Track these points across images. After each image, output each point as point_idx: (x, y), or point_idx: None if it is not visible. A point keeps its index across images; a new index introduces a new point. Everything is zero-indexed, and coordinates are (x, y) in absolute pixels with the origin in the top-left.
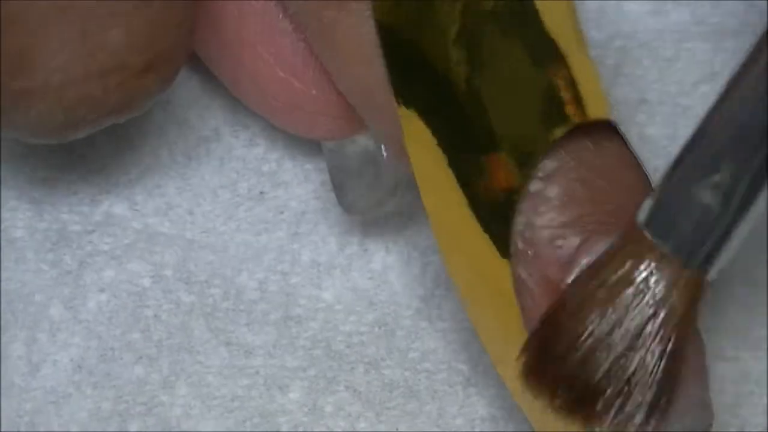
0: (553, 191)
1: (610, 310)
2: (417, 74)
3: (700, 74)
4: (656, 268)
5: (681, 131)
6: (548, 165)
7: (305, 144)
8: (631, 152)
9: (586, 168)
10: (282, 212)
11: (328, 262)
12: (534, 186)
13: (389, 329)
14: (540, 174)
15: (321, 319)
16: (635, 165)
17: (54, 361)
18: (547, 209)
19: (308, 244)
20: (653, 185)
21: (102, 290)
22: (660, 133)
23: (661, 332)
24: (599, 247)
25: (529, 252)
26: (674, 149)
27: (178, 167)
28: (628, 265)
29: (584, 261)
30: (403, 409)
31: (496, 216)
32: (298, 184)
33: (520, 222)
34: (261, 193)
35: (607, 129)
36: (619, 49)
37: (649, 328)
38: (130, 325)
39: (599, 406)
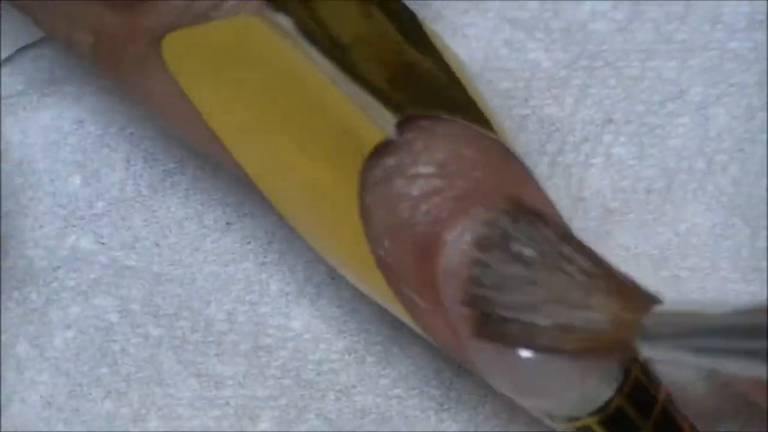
0: (415, 162)
1: None
2: None
3: (667, 93)
4: None
5: (648, 150)
6: (407, 136)
7: None
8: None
9: (444, 143)
10: (249, 242)
11: (296, 291)
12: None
13: (359, 356)
14: (401, 141)
15: (291, 348)
16: (486, 144)
17: (22, 398)
18: (408, 179)
19: (276, 274)
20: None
21: (68, 326)
22: (627, 153)
23: None
24: (458, 219)
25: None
26: (641, 168)
27: (144, 200)
28: None
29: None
30: None
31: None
32: (264, 214)
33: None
34: (227, 224)
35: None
36: (585, 68)
37: None
38: (97, 360)
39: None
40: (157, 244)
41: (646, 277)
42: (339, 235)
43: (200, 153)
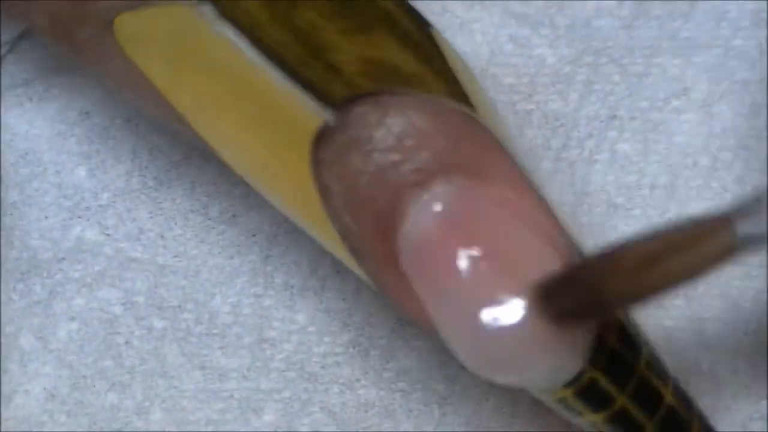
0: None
1: None
2: None
3: (671, 89)
4: None
5: (652, 147)
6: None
7: None
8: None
9: (412, 114)
10: (254, 235)
11: (301, 284)
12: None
13: (364, 349)
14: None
15: (295, 341)
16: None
17: (26, 390)
18: (364, 154)
19: (281, 267)
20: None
21: (72, 319)
22: (631, 149)
23: None
24: (418, 193)
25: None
26: (645, 165)
27: (149, 192)
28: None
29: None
30: (378, 429)
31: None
32: (270, 206)
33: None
34: (233, 216)
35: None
36: (589, 65)
37: None
38: (101, 352)
39: None
40: (162, 236)
41: None
42: (303, 212)
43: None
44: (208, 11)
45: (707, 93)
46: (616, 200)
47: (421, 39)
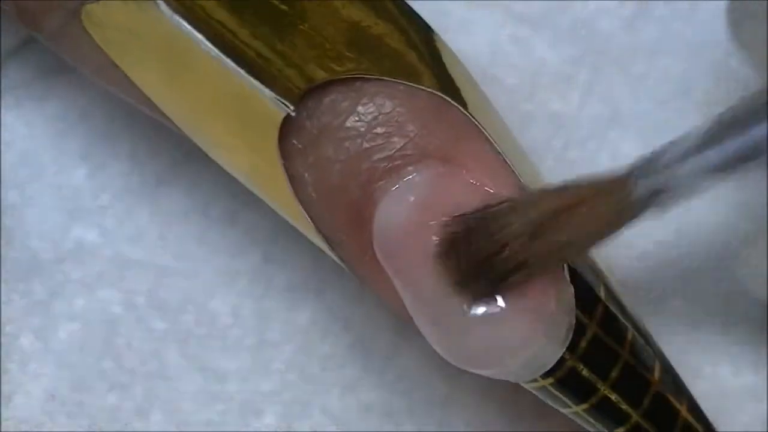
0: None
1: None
2: None
3: (673, 90)
4: None
5: (653, 147)
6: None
7: None
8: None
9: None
10: (254, 235)
11: (301, 284)
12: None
13: (364, 351)
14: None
15: (295, 342)
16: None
17: (26, 391)
18: (336, 142)
19: (281, 267)
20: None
21: (73, 319)
22: (632, 149)
23: None
24: (392, 179)
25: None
26: None
27: (149, 192)
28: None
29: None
30: (379, 430)
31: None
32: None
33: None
34: (233, 216)
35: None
36: (591, 65)
37: None
38: (102, 353)
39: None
40: (162, 237)
41: (649, 275)
42: (279, 203)
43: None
44: (163, 5)
45: (709, 93)
46: None
47: (417, 34)
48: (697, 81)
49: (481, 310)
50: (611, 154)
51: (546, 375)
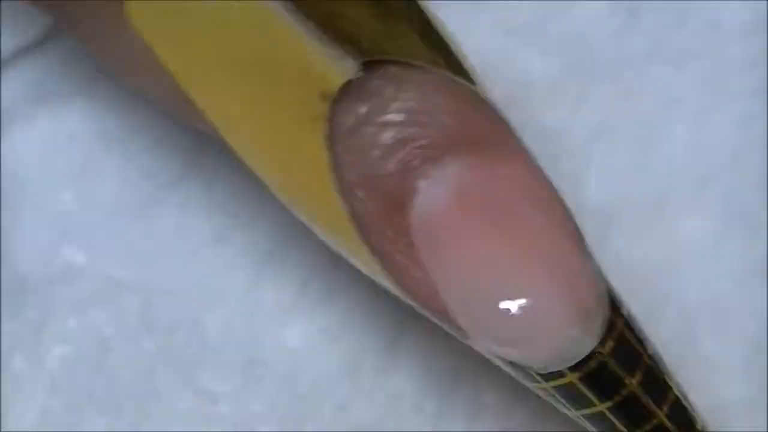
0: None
1: None
2: None
3: (663, 100)
4: None
5: (644, 158)
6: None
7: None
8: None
9: (415, 91)
10: (245, 254)
11: (292, 304)
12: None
13: (355, 370)
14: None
15: (286, 362)
16: (456, 91)
17: (18, 414)
18: (378, 127)
19: (272, 287)
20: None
21: (64, 341)
22: (623, 160)
23: None
24: (430, 168)
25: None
26: (637, 176)
27: (138, 213)
28: None
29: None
30: None
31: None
32: (261, 225)
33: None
34: (222, 236)
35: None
36: (580, 76)
37: None
38: (93, 374)
39: None
40: (153, 257)
41: (642, 287)
42: (309, 188)
43: (169, 114)
44: None
45: (699, 104)
46: (608, 213)
47: (433, 27)
48: (687, 91)
49: (521, 298)
50: (602, 165)
51: (573, 368)
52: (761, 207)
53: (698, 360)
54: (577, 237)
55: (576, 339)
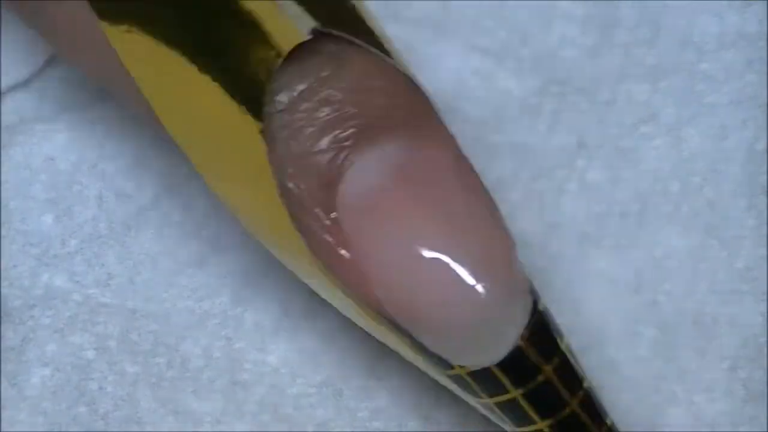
0: (311, 95)
1: None
2: None
3: (639, 115)
4: None
5: (621, 174)
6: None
7: None
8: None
9: (347, 74)
10: (224, 277)
11: (273, 325)
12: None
13: (337, 390)
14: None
15: (267, 383)
16: (387, 69)
17: None
18: (315, 104)
19: (252, 308)
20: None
21: (46, 365)
22: (600, 177)
23: None
24: (363, 146)
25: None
26: (615, 192)
27: (117, 237)
28: None
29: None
30: None
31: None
32: (240, 247)
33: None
34: (202, 259)
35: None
36: (555, 95)
37: None
38: (75, 398)
39: None
40: (132, 281)
41: (622, 302)
42: (241, 164)
43: (109, 92)
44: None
45: (675, 118)
46: (586, 229)
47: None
48: (663, 106)
49: (453, 281)
50: (579, 182)
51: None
52: (741, 218)
53: (679, 374)
54: (498, 215)
55: (499, 317)
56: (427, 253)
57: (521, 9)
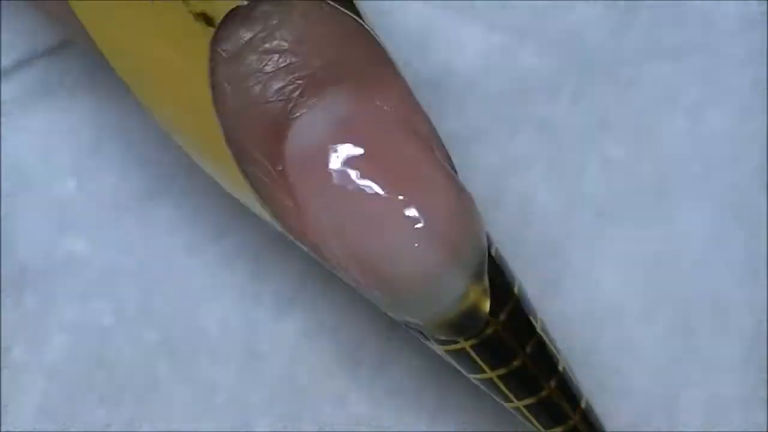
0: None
1: None
2: None
3: (661, 96)
4: None
5: (642, 153)
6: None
7: None
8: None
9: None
10: (244, 247)
11: (290, 297)
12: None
13: (354, 363)
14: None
15: (285, 354)
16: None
17: (18, 403)
18: (261, 54)
19: (271, 280)
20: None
21: (64, 330)
22: (621, 156)
23: None
24: (310, 98)
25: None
26: (635, 172)
27: (138, 204)
28: None
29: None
30: None
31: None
32: (259, 219)
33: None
34: (222, 228)
35: None
36: (578, 73)
37: None
38: (93, 365)
39: None
40: (152, 248)
41: (640, 281)
42: (189, 111)
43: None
44: None
45: (697, 99)
46: (606, 208)
47: None
48: (685, 87)
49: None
50: (600, 161)
51: (468, 337)
52: (760, 201)
53: (696, 355)
54: (450, 168)
55: (443, 272)
56: (368, 206)
57: None
